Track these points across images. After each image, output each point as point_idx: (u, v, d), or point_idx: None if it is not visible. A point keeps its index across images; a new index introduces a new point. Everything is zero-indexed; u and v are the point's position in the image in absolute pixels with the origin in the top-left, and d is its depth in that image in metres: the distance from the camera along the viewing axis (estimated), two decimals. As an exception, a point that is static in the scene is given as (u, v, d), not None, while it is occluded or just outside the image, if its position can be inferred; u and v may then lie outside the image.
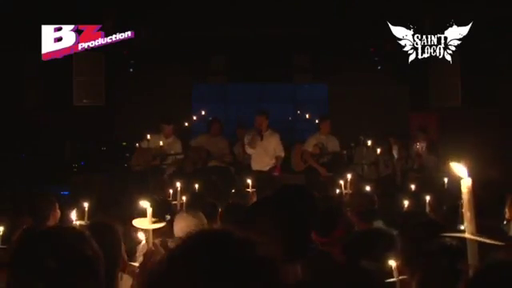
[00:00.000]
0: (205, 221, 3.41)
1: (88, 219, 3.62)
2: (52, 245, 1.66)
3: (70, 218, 3.58)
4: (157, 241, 2.95)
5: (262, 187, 5.99)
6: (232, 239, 1.18)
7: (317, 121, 9.28)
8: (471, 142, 9.56)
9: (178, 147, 8.19)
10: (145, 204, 2.56)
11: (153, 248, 2.42)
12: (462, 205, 1.46)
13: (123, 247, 2.52)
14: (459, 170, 1.43)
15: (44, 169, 9.15)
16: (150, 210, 2.52)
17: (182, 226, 3.26)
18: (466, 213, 1.37)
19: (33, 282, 1.61)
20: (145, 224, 2.53)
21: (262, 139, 7.87)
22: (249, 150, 8.02)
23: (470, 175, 1.41)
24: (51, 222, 3.83)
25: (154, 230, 2.59)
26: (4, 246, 3.24)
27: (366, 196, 4.57)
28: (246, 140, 8.01)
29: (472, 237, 1.36)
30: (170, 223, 3.54)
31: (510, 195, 3.74)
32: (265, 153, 7.95)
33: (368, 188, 5.49)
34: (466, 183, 1.40)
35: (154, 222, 2.55)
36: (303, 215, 2.09)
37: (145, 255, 2.44)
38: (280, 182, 6.32)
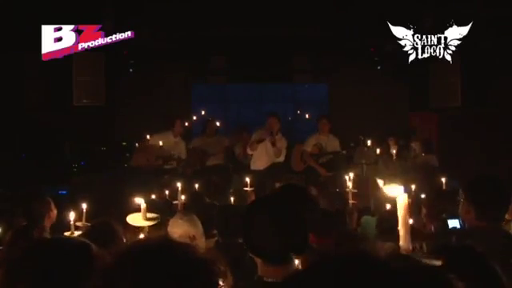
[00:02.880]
0: (199, 225, 3.37)
1: (88, 220, 3.61)
2: (53, 258, 1.64)
3: (68, 219, 3.57)
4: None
5: (260, 186, 6.00)
6: (168, 246, 1.27)
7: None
8: (471, 142, 9.59)
9: (182, 148, 8.23)
10: (139, 200, 2.54)
11: None
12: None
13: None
14: (393, 190, 1.41)
15: (44, 169, 9.15)
16: (143, 206, 2.50)
17: (176, 231, 3.24)
18: (401, 230, 1.35)
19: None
20: (139, 220, 2.52)
21: (274, 144, 7.81)
22: (249, 151, 8.05)
23: (406, 191, 1.39)
24: (47, 223, 3.82)
25: (152, 232, 2.58)
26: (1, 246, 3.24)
27: (337, 195, 4.55)
28: (253, 138, 8.04)
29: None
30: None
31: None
32: (266, 154, 7.95)
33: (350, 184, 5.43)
34: (402, 200, 1.38)
35: (149, 219, 2.53)
36: (301, 214, 2.10)
37: None
38: (279, 182, 6.31)
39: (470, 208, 2.76)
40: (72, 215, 3.54)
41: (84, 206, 3.60)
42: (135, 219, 2.55)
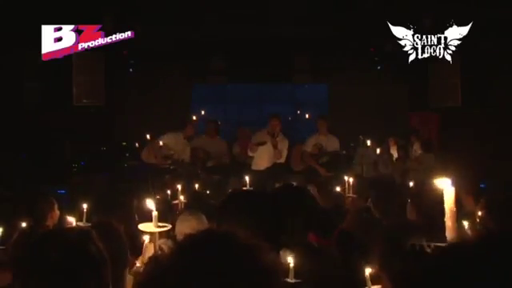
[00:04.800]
0: (206, 222, 3.41)
1: (88, 220, 3.60)
2: (57, 244, 1.67)
3: (69, 220, 3.56)
4: (161, 241, 2.96)
5: (260, 186, 6.00)
6: (235, 239, 1.28)
7: (317, 121, 9.28)
8: (471, 142, 9.58)
9: (188, 150, 8.24)
10: (151, 206, 2.58)
11: (159, 251, 2.43)
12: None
13: (127, 246, 2.52)
14: (443, 182, 1.43)
15: (44, 169, 9.15)
16: (155, 214, 2.54)
17: (185, 227, 3.27)
18: (448, 222, 1.38)
19: (38, 281, 1.62)
20: (150, 227, 2.56)
21: (275, 147, 7.82)
22: (250, 153, 8.07)
23: (453, 185, 1.41)
24: (49, 223, 3.82)
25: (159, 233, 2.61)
26: (3, 246, 3.23)
27: (332, 195, 4.55)
28: (253, 140, 8.04)
29: None
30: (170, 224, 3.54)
31: None
32: (268, 154, 7.96)
33: (338, 188, 5.47)
34: (449, 193, 1.39)
35: (160, 227, 2.57)
36: (279, 207, 2.14)
37: (150, 259, 2.46)
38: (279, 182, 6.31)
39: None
40: (73, 219, 3.52)
41: (84, 206, 3.60)
42: (146, 226, 2.61)
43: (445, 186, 1.41)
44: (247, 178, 5.60)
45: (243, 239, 1.28)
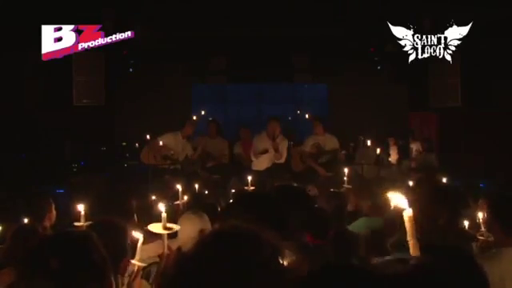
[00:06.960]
0: (209, 223, 3.41)
1: (87, 220, 3.60)
2: (57, 246, 1.69)
3: (73, 215, 3.56)
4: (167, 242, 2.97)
5: (260, 186, 6.00)
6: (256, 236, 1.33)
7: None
8: (471, 142, 9.58)
9: (189, 149, 8.23)
10: (161, 208, 2.63)
11: (168, 251, 2.46)
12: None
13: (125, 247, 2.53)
14: (400, 201, 1.48)
15: (44, 169, 9.15)
16: (164, 215, 2.58)
17: (188, 227, 3.28)
18: (410, 240, 1.47)
19: (37, 282, 1.63)
20: (158, 228, 2.61)
21: (276, 150, 7.85)
22: (253, 158, 8.10)
23: (410, 206, 1.47)
24: (47, 223, 3.82)
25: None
26: (1, 245, 3.22)
27: (336, 195, 4.55)
28: (254, 145, 8.05)
29: None
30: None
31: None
32: (267, 156, 7.97)
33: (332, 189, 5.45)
34: (408, 213, 1.47)
35: (167, 228, 2.62)
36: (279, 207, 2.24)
37: (161, 258, 2.51)
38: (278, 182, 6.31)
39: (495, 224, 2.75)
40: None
41: (83, 206, 3.59)
42: (155, 227, 2.66)
43: (403, 206, 1.46)
44: (250, 179, 5.59)
45: (268, 238, 1.32)
